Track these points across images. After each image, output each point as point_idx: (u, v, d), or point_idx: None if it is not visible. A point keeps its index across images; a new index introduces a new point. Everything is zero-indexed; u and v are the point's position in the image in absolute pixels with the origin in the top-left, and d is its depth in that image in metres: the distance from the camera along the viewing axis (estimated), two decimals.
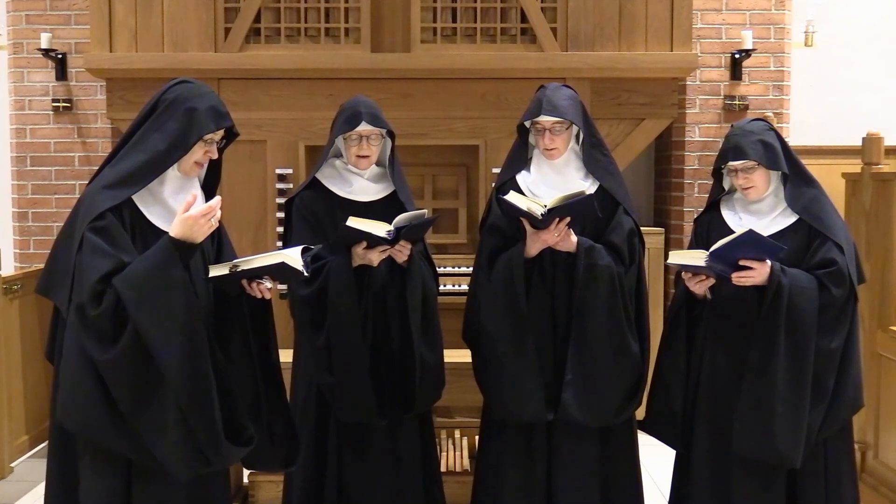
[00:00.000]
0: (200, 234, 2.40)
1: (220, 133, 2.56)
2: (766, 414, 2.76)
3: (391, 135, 3.14)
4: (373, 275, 3.01)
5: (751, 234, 2.67)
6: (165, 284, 2.32)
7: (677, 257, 2.84)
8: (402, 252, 2.96)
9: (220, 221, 2.68)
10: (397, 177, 3.15)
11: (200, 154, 2.51)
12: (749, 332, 2.84)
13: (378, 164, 3.18)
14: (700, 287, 2.86)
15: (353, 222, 2.83)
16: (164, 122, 2.46)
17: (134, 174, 2.42)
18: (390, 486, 3.09)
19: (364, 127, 3.03)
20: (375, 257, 2.94)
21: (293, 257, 2.49)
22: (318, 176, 3.13)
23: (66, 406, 2.36)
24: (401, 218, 2.91)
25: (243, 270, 2.47)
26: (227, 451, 2.41)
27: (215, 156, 2.57)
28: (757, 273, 2.75)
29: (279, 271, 2.52)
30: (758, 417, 2.77)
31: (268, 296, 2.56)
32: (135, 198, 2.44)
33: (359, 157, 3.08)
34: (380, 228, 2.87)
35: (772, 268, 2.76)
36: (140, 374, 2.31)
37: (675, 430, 3.00)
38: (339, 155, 3.17)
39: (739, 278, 2.76)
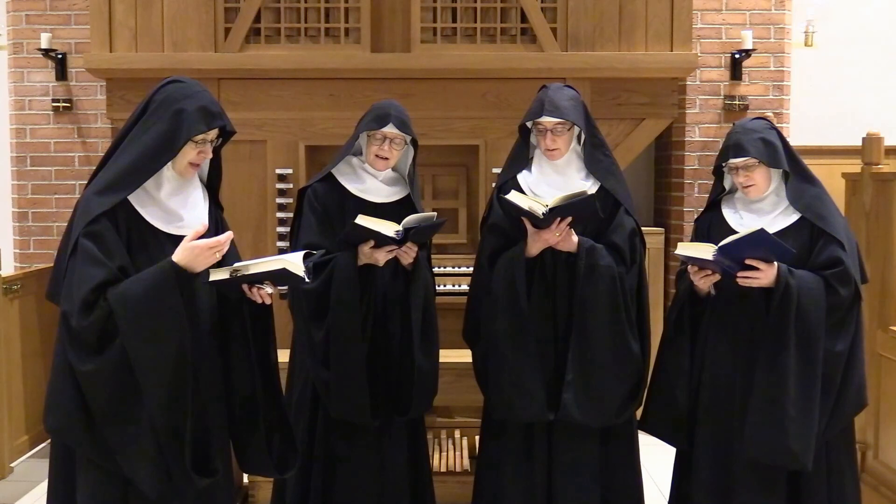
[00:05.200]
0: (203, 265, 2.38)
1: (214, 133, 2.53)
2: (778, 416, 2.74)
3: (415, 144, 3.16)
4: (377, 275, 3.02)
5: (762, 233, 2.66)
6: (160, 310, 2.31)
7: (686, 249, 2.83)
8: (408, 254, 2.97)
9: (226, 224, 2.68)
10: (415, 187, 3.18)
11: (194, 155, 2.49)
12: (754, 330, 2.83)
13: (394, 170, 3.20)
14: (705, 282, 2.86)
15: (363, 220, 2.84)
16: (153, 123, 2.43)
17: (124, 177, 2.40)
18: (375, 487, 3.10)
19: (390, 129, 3.05)
20: (382, 257, 2.95)
21: (295, 263, 2.48)
22: (333, 171, 3.14)
23: (50, 409, 2.38)
24: (410, 219, 2.92)
25: (244, 275, 2.46)
26: (192, 479, 2.38)
27: (210, 155, 2.54)
28: (763, 275, 2.74)
29: (280, 277, 2.51)
30: (769, 420, 2.75)
31: (268, 301, 2.55)
32: (131, 198, 2.42)
33: (378, 157, 3.09)
34: (388, 228, 2.88)
35: (779, 269, 2.75)
36: (117, 390, 2.30)
37: (677, 428, 2.99)
38: (358, 153, 3.18)
39: (745, 278, 2.76)
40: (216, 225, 2.62)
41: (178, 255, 2.35)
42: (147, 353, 2.29)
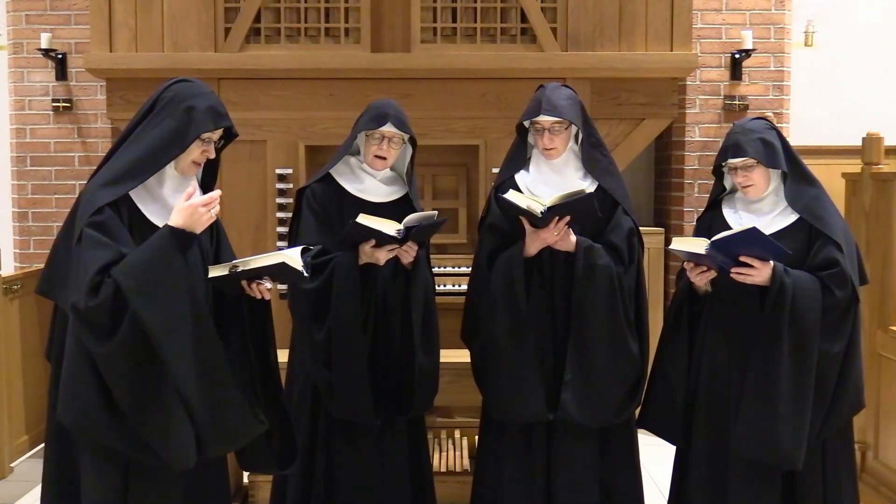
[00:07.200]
0: (200, 225, 2.39)
1: (219, 133, 2.56)
2: (770, 415, 2.74)
3: (413, 143, 3.16)
4: (377, 275, 3.01)
5: (753, 232, 2.66)
6: (165, 273, 2.31)
7: (680, 243, 2.83)
8: (408, 252, 2.97)
9: (219, 222, 2.68)
10: (413, 186, 3.17)
11: (198, 153, 2.51)
12: (750, 328, 2.83)
13: (392, 169, 3.19)
14: (701, 279, 2.86)
15: (364, 219, 2.84)
16: (163, 119, 2.45)
17: (131, 170, 2.41)
18: (377, 484, 3.10)
19: (389, 128, 3.04)
20: (383, 256, 2.95)
21: (293, 258, 2.48)
22: (332, 171, 3.14)
23: (66, 404, 2.36)
24: (411, 218, 2.92)
25: (243, 271, 2.47)
26: (258, 420, 2.44)
27: (213, 155, 2.56)
28: (757, 273, 2.75)
29: (279, 272, 2.51)
30: (761, 419, 2.76)
31: (267, 296, 2.56)
32: (132, 195, 2.43)
33: (377, 157, 3.09)
34: (389, 227, 2.88)
35: (774, 268, 2.75)
36: (139, 366, 2.30)
37: (675, 425, 2.99)
38: (356, 153, 3.18)
39: (738, 274, 2.76)
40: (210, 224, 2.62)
41: (175, 219, 2.37)
42: (160, 317, 2.29)
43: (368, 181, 3.13)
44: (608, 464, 3.11)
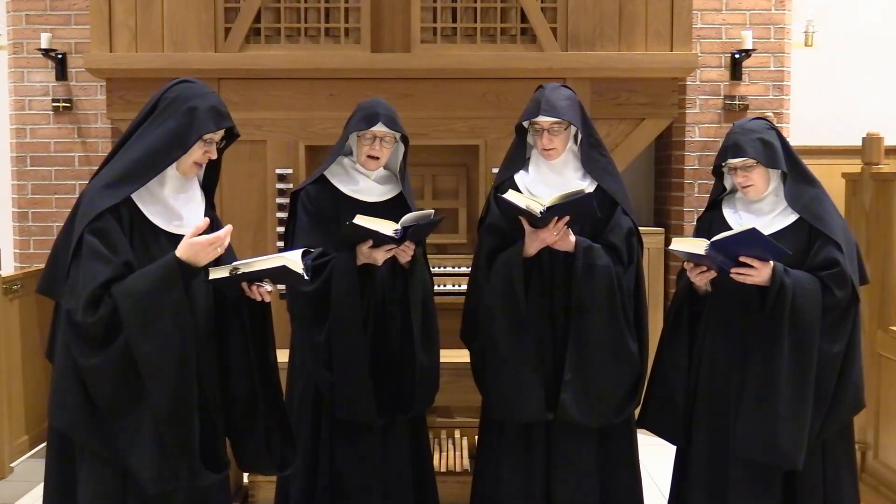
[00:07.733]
0: (205, 260, 2.39)
1: (220, 133, 2.56)
2: (770, 416, 2.74)
3: (405, 140, 3.16)
4: (375, 275, 3.01)
5: (753, 233, 2.66)
6: (164, 305, 2.31)
7: (679, 244, 2.83)
8: (406, 252, 2.97)
9: (219, 223, 2.68)
10: (406, 183, 3.17)
11: (199, 154, 2.50)
12: (750, 328, 2.83)
13: (386, 167, 3.19)
14: (701, 279, 2.86)
15: (361, 220, 2.84)
16: (165, 120, 2.45)
17: (133, 172, 2.41)
18: (380, 483, 3.10)
19: (380, 128, 3.05)
20: (381, 256, 2.95)
21: (294, 260, 2.48)
22: (326, 173, 3.14)
23: (55, 404, 2.38)
24: (408, 217, 2.92)
25: (244, 273, 2.46)
26: (202, 475, 2.40)
27: (214, 156, 2.56)
28: (757, 273, 2.74)
29: (280, 274, 2.51)
30: (761, 419, 2.76)
31: (268, 299, 2.56)
32: (134, 196, 2.43)
33: (369, 157, 3.09)
34: (387, 227, 2.87)
35: (774, 268, 2.75)
36: (121, 384, 2.31)
37: (675, 425, 2.99)
38: (349, 153, 3.18)
39: (738, 274, 2.76)
40: (211, 227, 2.62)
41: (181, 251, 2.36)
42: (151, 347, 2.30)
43: (363, 181, 3.13)
44: (608, 464, 3.11)
